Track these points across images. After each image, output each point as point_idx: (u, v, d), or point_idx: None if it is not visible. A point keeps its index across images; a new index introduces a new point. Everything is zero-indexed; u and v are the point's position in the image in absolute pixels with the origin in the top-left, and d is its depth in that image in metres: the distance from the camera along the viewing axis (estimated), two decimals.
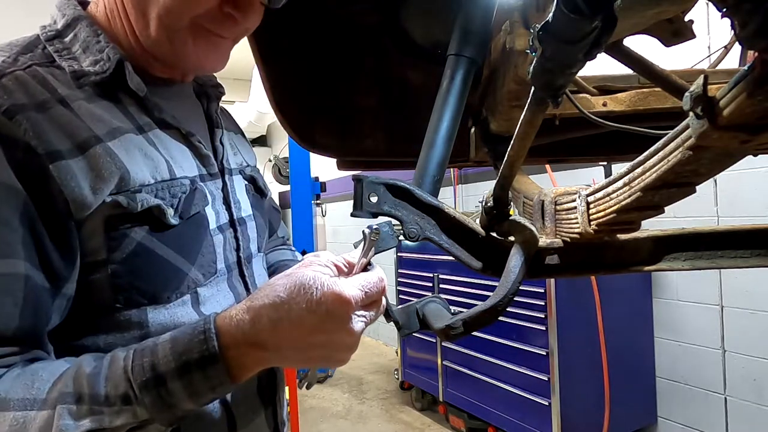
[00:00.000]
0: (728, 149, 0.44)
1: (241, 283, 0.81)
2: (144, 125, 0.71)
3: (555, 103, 0.54)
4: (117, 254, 0.64)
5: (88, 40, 0.70)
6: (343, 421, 4.13)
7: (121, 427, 0.54)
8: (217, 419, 0.70)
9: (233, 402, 0.73)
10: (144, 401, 0.54)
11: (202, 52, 0.73)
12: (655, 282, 3.19)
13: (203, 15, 0.70)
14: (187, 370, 0.55)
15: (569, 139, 1.16)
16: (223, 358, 0.55)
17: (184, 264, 0.69)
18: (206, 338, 0.56)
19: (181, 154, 0.75)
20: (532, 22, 0.77)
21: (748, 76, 0.36)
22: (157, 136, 0.72)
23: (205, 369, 0.55)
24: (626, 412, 3.04)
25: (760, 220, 1.35)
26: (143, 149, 0.69)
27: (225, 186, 0.82)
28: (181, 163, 0.74)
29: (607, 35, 0.43)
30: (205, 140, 0.82)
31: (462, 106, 0.89)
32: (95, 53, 0.69)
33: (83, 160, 0.62)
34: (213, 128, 0.86)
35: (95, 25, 0.71)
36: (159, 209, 0.67)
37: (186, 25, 0.70)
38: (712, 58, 1.29)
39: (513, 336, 3.11)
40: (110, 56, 0.68)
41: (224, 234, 0.79)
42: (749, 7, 0.32)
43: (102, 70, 0.68)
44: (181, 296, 0.69)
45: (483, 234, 0.81)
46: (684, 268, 0.77)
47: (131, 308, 0.65)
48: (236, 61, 5.54)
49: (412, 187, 0.82)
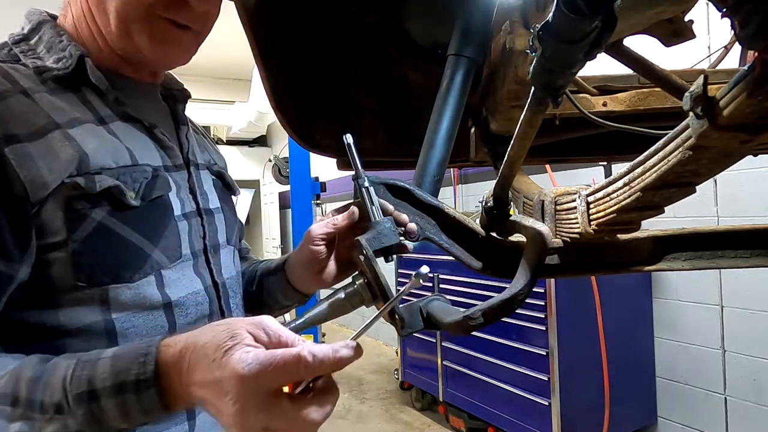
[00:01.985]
0: (728, 149, 0.44)
1: (207, 270, 0.81)
2: (105, 117, 0.73)
3: (555, 103, 0.54)
4: (77, 234, 0.65)
5: (52, 41, 0.73)
6: (343, 421, 4.13)
7: None
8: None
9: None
10: (76, 413, 0.54)
11: (161, 44, 0.75)
12: (655, 282, 3.19)
13: (156, 3, 0.72)
14: (122, 391, 0.54)
15: (569, 139, 1.16)
16: (157, 385, 0.53)
17: (147, 245, 0.71)
18: (145, 362, 0.54)
19: (144, 145, 0.77)
20: (532, 22, 0.77)
21: (748, 76, 0.36)
22: (118, 128, 0.74)
23: (139, 392, 0.53)
24: (626, 412, 3.04)
25: (760, 220, 1.35)
26: (103, 138, 0.71)
27: (191, 177, 0.84)
28: (144, 153, 0.76)
29: (607, 35, 0.43)
30: (171, 134, 0.84)
31: (462, 106, 0.89)
32: (58, 52, 0.71)
33: (42, 143, 0.64)
34: (178, 125, 0.88)
35: (59, 28, 0.75)
36: (118, 189, 0.68)
37: (142, 16, 0.72)
38: (712, 58, 1.29)
39: (513, 336, 3.11)
40: (72, 53, 0.71)
41: (190, 221, 0.80)
42: (749, 7, 0.32)
43: (64, 66, 0.70)
44: (145, 276, 0.70)
45: (483, 234, 0.81)
46: (684, 268, 0.77)
47: (94, 286, 0.66)
48: (236, 61, 5.55)
49: (412, 187, 0.82)
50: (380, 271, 0.70)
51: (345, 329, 7.26)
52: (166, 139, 0.80)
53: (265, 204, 9.36)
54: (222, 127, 9.13)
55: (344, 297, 0.76)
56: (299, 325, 0.76)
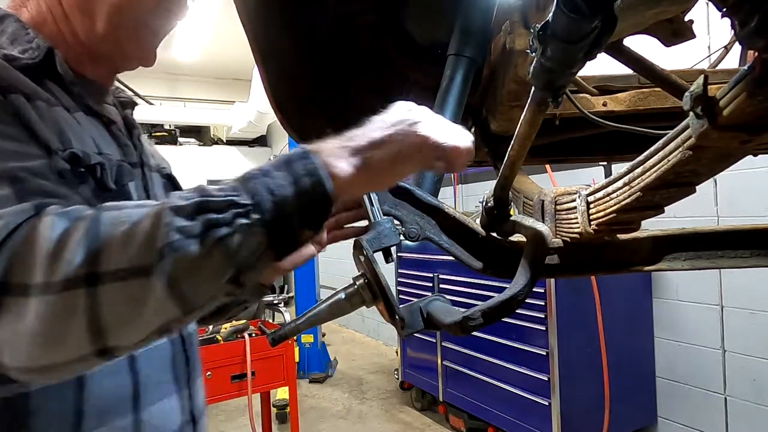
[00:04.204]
0: (728, 149, 0.44)
1: None
2: (69, 107, 0.74)
3: (555, 103, 0.54)
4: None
5: (17, 33, 0.73)
6: (343, 421, 4.13)
7: (223, 203, 0.50)
8: (123, 396, 0.70)
9: (141, 378, 0.72)
10: (248, 187, 0.51)
11: (142, 48, 0.80)
12: (655, 282, 3.19)
13: (148, 13, 0.77)
14: (288, 163, 0.53)
15: (569, 139, 1.16)
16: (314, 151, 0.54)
17: None
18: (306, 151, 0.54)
19: (105, 139, 0.78)
20: (532, 22, 0.77)
21: (748, 76, 0.36)
22: (81, 119, 0.75)
23: (304, 159, 0.53)
24: (626, 412, 3.04)
25: (760, 220, 1.35)
26: (73, 123, 0.71)
27: (144, 177, 0.84)
28: (105, 146, 0.76)
29: (607, 35, 0.43)
30: (125, 135, 0.85)
31: (462, 106, 0.89)
32: (24, 44, 0.71)
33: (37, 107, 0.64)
34: (130, 128, 0.89)
35: (22, 22, 0.75)
36: (102, 167, 0.69)
37: (133, 24, 0.76)
38: (712, 58, 1.29)
39: (513, 336, 3.11)
40: (39, 45, 0.71)
41: None
42: (749, 6, 0.32)
43: (32, 57, 0.70)
44: None
45: (483, 234, 0.81)
46: (684, 268, 0.77)
47: None
48: (236, 61, 5.56)
49: (412, 187, 0.82)
50: (380, 272, 0.70)
51: (345, 329, 7.26)
52: (122, 136, 0.82)
53: None
54: (222, 127, 9.13)
55: (344, 297, 0.76)
56: (299, 325, 0.76)
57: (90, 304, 0.47)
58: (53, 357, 0.49)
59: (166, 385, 0.76)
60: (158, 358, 0.75)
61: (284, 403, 3.88)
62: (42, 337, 0.47)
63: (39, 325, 0.47)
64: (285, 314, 4.17)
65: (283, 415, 3.93)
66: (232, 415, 4.22)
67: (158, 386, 0.74)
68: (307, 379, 5.07)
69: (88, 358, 0.49)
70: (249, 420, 2.78)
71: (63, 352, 0.49)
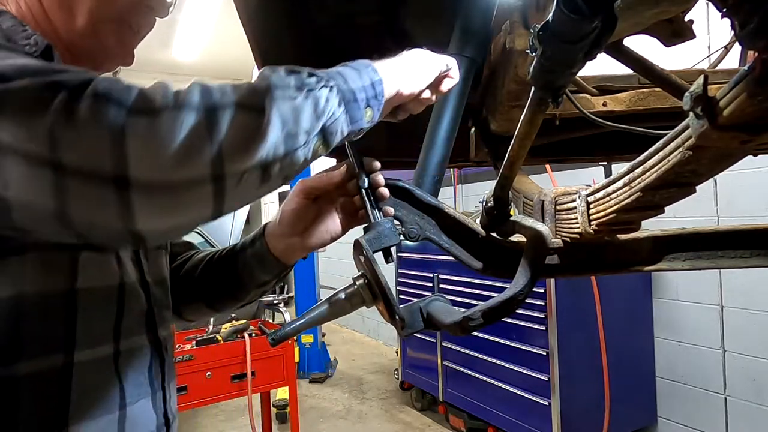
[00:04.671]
0: (728, 149, 0.44)
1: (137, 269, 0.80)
2: None
3: (555, 103, 0.55)
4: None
5: (13, 29, 0.71)
6: (343, 421, 4.13)
7: (307, 71, 0.60)
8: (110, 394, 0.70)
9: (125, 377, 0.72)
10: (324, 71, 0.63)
11: (122, 45, 0.80)
12: (655, 282, 3.19)
13: (129, 9, 0.77)
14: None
15: (569, 139, 1.16)
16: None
17: None
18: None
19: None
20: (532, 22, 0.77)
21: (748, 76, 0.36)
22: None
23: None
24: (626, 412, 3.04)
25: (760, 220, 1.35)
26: None
27: None
28: None
29: (607, 35, 0.43)
30: None
31: (462, 106, 0.89)
32: (21, 40, 0.70)
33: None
34: None
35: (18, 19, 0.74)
36: None
37: (114, 19, 0.76)
38: (712, 58, 1.30)
39: (513, 336, 3.11)
40: (38, 42, 0.71)
41: None
42: (749, 7, 0.32)
43: (30, 52, 0.69)
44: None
45: (483, 234, 0.81)
46: (684, 268, 0.77)
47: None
48: (236, 61, 5.55)
49: (412, 187, 0.82)
50: (380, 272, 0.70)
51: (345, 329, 7.26)
52: None
53: (265, 204, 9.37)
54: None
55: (344, 297, 0.76)
56: (300, 326, 0.76)
57: (216, 128, 0.50)
58: (179, 173, 0.49)
59: (144, 386, 0.76)
60: (138, 359, 0.75)
61: (284, 403, 3.88)
62: (176, 148, 0.48)
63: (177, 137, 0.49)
64: (285, 314, 4.18)
65: (283, 415, 3.94)
66: (232, 415, 4.22)
67: (138, 386, 0.75)
68: (307, 379, 5.08)
69: (203, 185, 0.50)
70: (249, 420, 2.78)
71: (189, 169, 0.49)
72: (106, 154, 0.47)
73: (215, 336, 2.81)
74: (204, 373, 2.58)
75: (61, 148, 0.47)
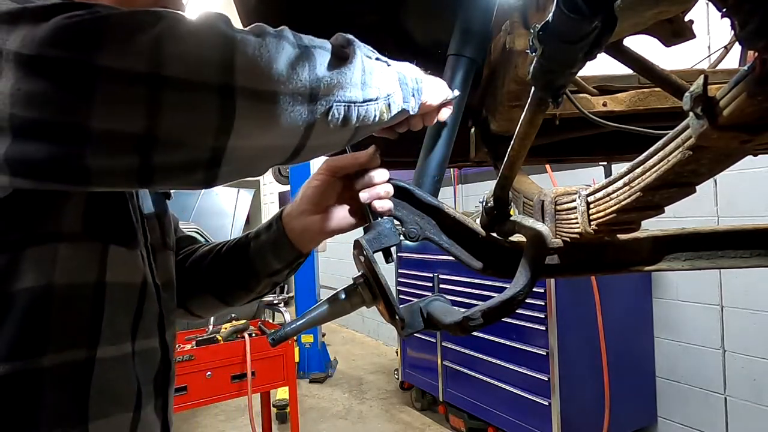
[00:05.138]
0: (728, 149, 0.44)
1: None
2: None
3: (555, 103, 0.55)
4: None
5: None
6: (343, 421, 4.13)
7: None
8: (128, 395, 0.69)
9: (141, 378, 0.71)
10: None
11: None
12: (655, 282, 3.19)
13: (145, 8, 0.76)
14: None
15: (569, 139, 1.16)
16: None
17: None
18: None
19: None
20: (532, 22, 0.77)
21: (748, 76, 0.36)
22: None
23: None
24: (626, 412, 3.04)
25: (760, 220, 1.36)
26: None
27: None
28: None
29: (607, 35, 0.43)
30: None
31: (462, 106, 0.89)
32: None
33: None
34: None
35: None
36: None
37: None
38: (712, 58, 1.30)
39: (513, 336, 3.11)
40: None
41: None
42: (749, 7, 0.32)
43: None
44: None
45: (483, 234, 0.81)
46: (684, 268, 0.77)
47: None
48: None
49: (412, 187, 0.82)
50: (380, 272, 0.70)
51: (345, 329, 7.26)
52: None
53: (265, 204, 9.37)
54: None
55: (344, 297, 0.76)
56: (300, 326, 0.76)
57: (312, 59, 0.58)
58: (282, 85, 0.55)
59: (151, 390, 0.75)
60: (149, 362, 0.74)
61: (284, 403, 3.88)
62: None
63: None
64: (285, 314, 4.18)
65: (283, 415, 3.94)
66: (232, 415, 4.22)
67: (148, 389, 0.74)
68: (307, 379, 5.08)
69: (300, 103, 0.56)
70: (249, 420, 2.78)
71: (291, 82, 0.55)
72: (212, 65, 0.51)
73: (215, 336, 2.81)
74: (204, 373, 2.58)
75: (164, 64, 0.49)
